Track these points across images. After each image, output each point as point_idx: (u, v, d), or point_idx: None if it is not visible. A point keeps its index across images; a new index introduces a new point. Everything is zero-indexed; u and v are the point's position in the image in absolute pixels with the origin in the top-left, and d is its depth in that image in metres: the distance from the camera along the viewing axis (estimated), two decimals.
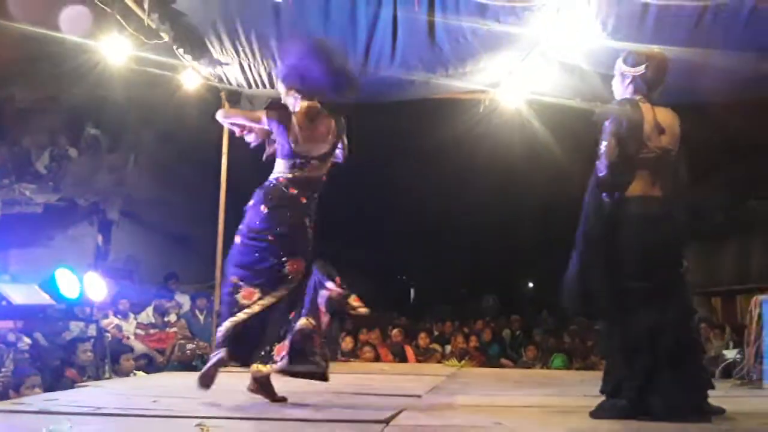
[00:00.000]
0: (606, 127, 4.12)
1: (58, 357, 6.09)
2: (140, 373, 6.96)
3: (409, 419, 4.04)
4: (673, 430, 3.78)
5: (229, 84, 7.86)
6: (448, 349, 10.25)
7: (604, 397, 4.18)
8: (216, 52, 7.16)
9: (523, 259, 16.68)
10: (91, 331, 6.50)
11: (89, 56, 7.12)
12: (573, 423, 4.04)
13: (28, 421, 3.94)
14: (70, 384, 5.77)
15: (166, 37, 6.81)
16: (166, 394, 4.93)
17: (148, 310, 8.11)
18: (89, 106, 8.22)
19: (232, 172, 7.78)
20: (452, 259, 16.37)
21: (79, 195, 8.59)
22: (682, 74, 6.02)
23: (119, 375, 6.67)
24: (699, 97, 6.78)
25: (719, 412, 4.06)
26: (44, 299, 6.38)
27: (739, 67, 6.44)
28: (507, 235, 15.01)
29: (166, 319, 8.26)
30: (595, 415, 4.09)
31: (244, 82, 7.70)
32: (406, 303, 18.50)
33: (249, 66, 7.31)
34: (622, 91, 4.31)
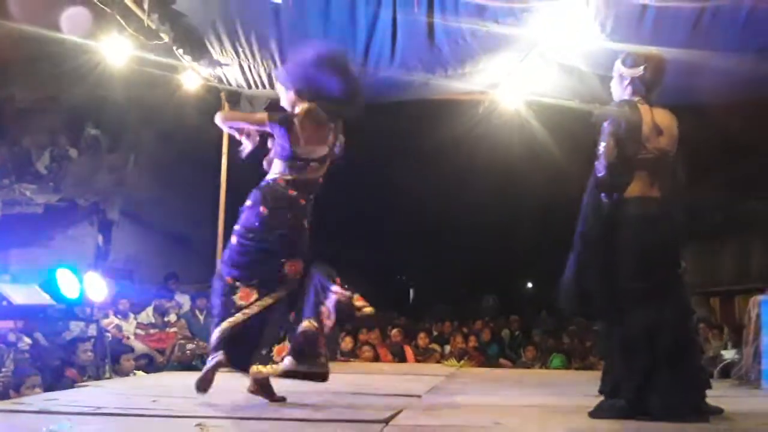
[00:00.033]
0: (605, 128, 4.13)
1: (58, 357, 6.09)
2: (140, 373, 6.96)
3: (408, 419, 4.04)
4: (671, 430, 3.78)
5: (229, 85, 7.88)
6: (448, 349, 10.25)
7: (602, 397, 4.18)
8: (216, 53, 7.18)
9: (522, 260, 16.69)
10: (92, 331, 6.50)
11: (89, 56, 7.13)
12: (572, 423, 4.05)
13: (29, 420, 3.94)
14: (71, 384, 5.77)
15: (166, 37, 6.82)
16: (166, 394, 4.92)
17: (148, 310, 8.11)
18: (89, 107, 8.22)
19: (232, 172, 7.78)
20: (452, 259, 16.38)
21: (79, 195, 8.59)
22: (681, 75, 6.03)
23: (119, 375, 6.66)
24: (698, 97, 6.80)
25: (717, 412, 4.07)
26: (44, 299, 6.38)
27: (738, 68, 6.45)
28: (506, 235, 15.02)
29: (166, 319, 8.26)
30: (594, 415, 4.09)
31: (243, 83, 7.72)
32: (406, 303, 18.50)
33: (249, 67, 7.32)
34: (620, 92, 4.32)
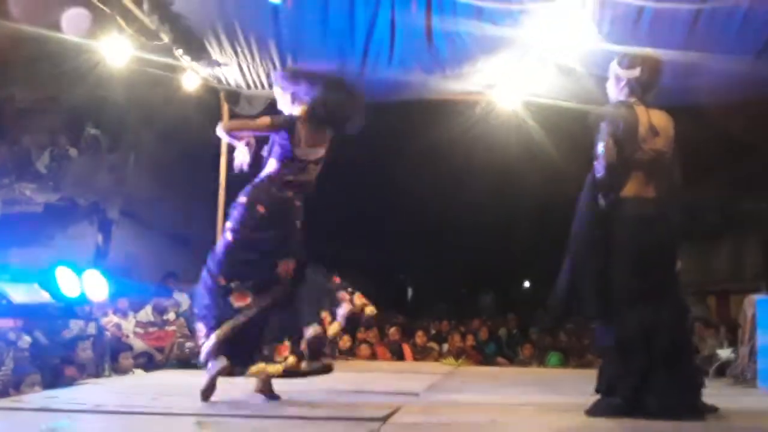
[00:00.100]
0: (602, 128, 4.15)
1: (57, 355, 6.09)
2: (139, 371, 6.98)
3: (406, 417, 4.06)
4: (667, 429, 3.81)
5: (228, 85, 7.90)
6: (446, 347, 10.29)
7: (599, 396, 4.20)
8: (215, 53, 7.20)
9: (519, 259, 16.69)
10: (91, 329, 6.51)
11: (89, 56, 7.13)
12: (568, 421, 4.07)
13: (28, 418, 3.97)
14: (70, 382, 5.79)
15: (165, 38, 6.84)
16: (165, 392, 4.94)
17: (147, 309, 8.11)
18: (89, 107, 8.23)
19: (230, 172, 7.78)
20: (450, 258, 16.36)
21: (79, 194, 8.59)
22: (677, 76, 6.09)
23: (119, 373, 6.68)
24: (694, 99, 6.83)
25: (713, 411, 4.10)
26: (44, 298, 6.39)
27: (734, 69, 6.48)
28: (504, 235, 15.02)
29: (165, 318, 8.26)
30: (591, 413, 4.12)
31: (242, 83, 7.74)
32: (404, 302, 18.50)
33: (248, 67, 7.34)
34: (616, 93, 4.34)
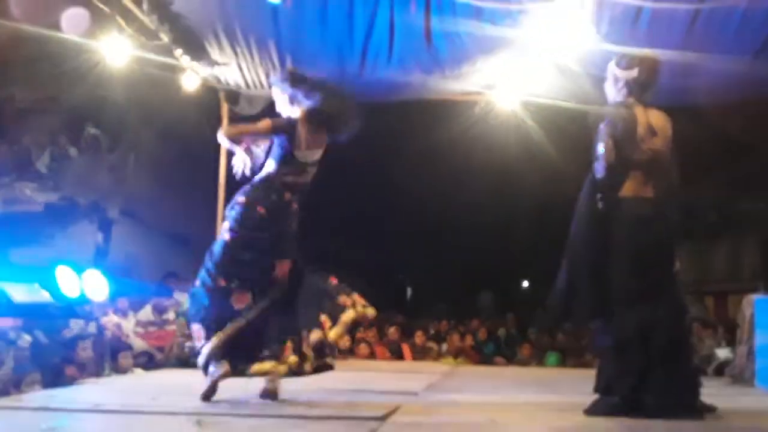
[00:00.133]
0: (601, 129, 4.16)
1: (58, 354, 6.07)
2: (139, 371, 6.99)
3: (405, 416, 4.07)
4: (665, 428, 3.82)
5: (228, 85, 7.91)
6: (444, 347, 10.31)
7: (597, 395, 4.22)
8: (214, 53, 7.21)
9: (518, 259, 16.72)
10: (91, 328, 6.50)
11: (89, 56, 7.13)
12: (567, 420, 4.09)
13: (29, 418, 3.97)
14: (70, 381, 5.80)
15: (165, 38, 6.85)
16: (165, 392, 4.94)
17: (147, 308, 8.12)
18: (89, 106, 8.22)
19: (230, 172, 7.78)
20: (449, 258, 16.38)
21: (79, 194, 8.58)
22: (676, 76, 6.10)
23: (119, 372, 6.69)
24: (692, 99, 6.84)
25: (711, 411, 4.12)
26: (44, 297, 6.39)
27: (732, 69, 6.49)
28: (503, 235, 15.05)
29: (165, 317, 8.27)
30: (589, 412, 4.13)
31: (242, 83, 7.75)
32: (403, 301, 18.51)
33: (247, 67, 7.35)
34: (614, 93, 4.35)
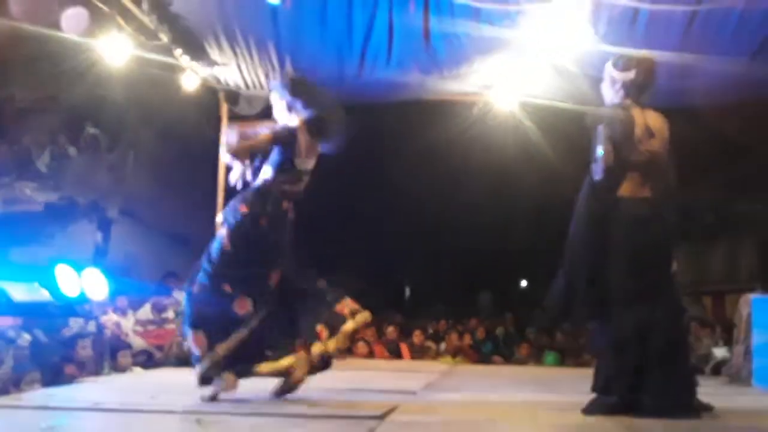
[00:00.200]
0: (599, 131, 4.17)
1: (57, 353, 6.08)
2: (138, 369, 7.01)
3: (403, 415, 4.07)
4: (663, 427, 3.84)
5: (227, 85, 7.92)
6: (443, 346, 10.33)
7: (595, 395, 4.23)
8: (214, 54, 7.22)
9: (517, 259, 16.73)
10: (91, 327, 6.52)
11: (89, 56, 7.13)
12: (565, 419, 4.10)
13: (28, 416, 3.98)
14: (70, 380, 5.81)
15: (164, 38, 6.86)
16: (164, 390, 4.96)
17: (147, 307, 8.13)
18: (89, 106, 8.21)
19: (229, 171, 7.79)
20: (448, 258, 16.40)
21: (78, 194, 8.57)
22: (673, 77, 6.12)
23: (118, 371, 6.70)
24: (690, 100, 6.86)
25: (708, 410, 4.13)
26: (44, 296, 6.40)
27: (729, 71, 6.51)
28: (501, 235, 15.06)
29: (164, 316, 8.28)
30: (587, 411, 4.15)
31: (242, 84, 7.76)
32: (402, 301, 18.52)
33: (247, 68, 7.36)
34: (612, 95, 4.36)
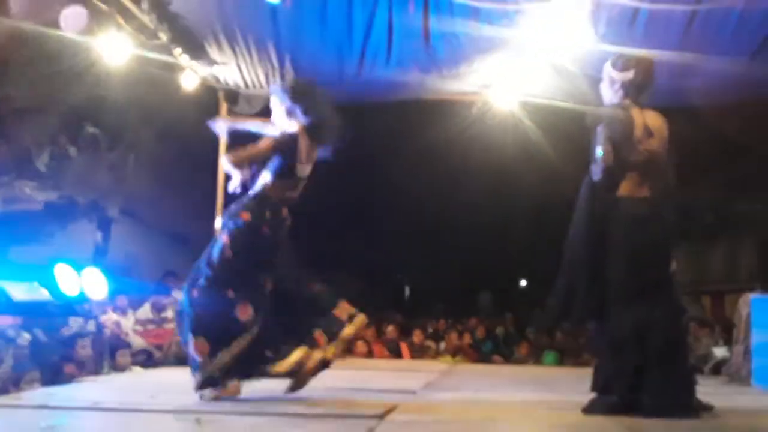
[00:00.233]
0: (599, 132, 4.17)
1: (57, 353, 6.09)
2: (137, 369, 7.01)
3: (403, 415, 4.08)
4: (662, 427, 3.84)
5: (227, 84, 7.91)
6: (443, 346, 10.33)
7: (595, 394, 4.24)
8: (213, 53, 7.22)
9: (516, 258, 16.74)
10: (90, 327, 6.52)
11: (88, 55, 7.13)
12: (564, 419, 4.11)
13: (28, 415, 3.99)
14: (69, 379, 5.81)
15: (163, 37, 6.86)
16: (164, 390, 4.96)
17: (146, 307, 8.13)
18: (88, 105, 8.21)
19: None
20: (447, 257, 16.41)
21: (78, 193, 8.58)
22: (673, 77, 6.12)
23: (117, 371, 6.71)
24: (689, 99, 6.86)
25: (707, 409, 4.14)
26: (44, 295, 6.40)
27: (729, 70, 6.50)
28: (501, 234, 15.08)
29: (163, 316, 8.29)
30: (587, 411, 4.15)
31: (241, 83, 7.76)
32: (402, 301, 18.54)
33: (246, 67, 7.36)
34: (611, 95, 4.36)
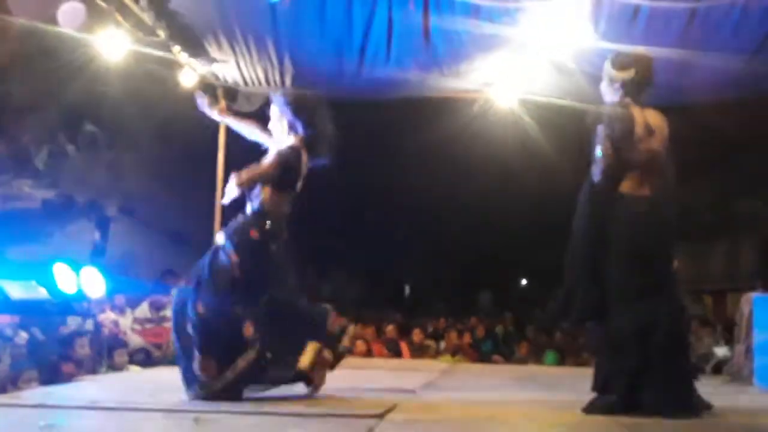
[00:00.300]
0: (599, 131, 4.17)
1: (55, 352, 6.08)
2: (135, 368, 7.00)
3: (402, 414, 4.08)
4: (663, 426, 3.84)
5: (226, 82, 7.89)
6: (442, 345, 10.32)
7: (595, 394, 4.24)
8: (212, 50, 7.20)
9: (516, 257, 16.75)
10: (88, 326, 6.51)
11: (86, 52, 7.12)
12: (565, 418, 4.10)
13: (26, 414, 3.97)
14: (67, 378, 5.81)
15: (162, 34, 6.84)
16: (162, 389, 4.96)
17: (144, 305, 8.13)
18: (87, 103, 8.22)
19: (228, 169, 7.80)
20: (447, 257, 16.43)
21: (76, 191, 8.59)
22: (673, 75, 6.10)
23: (115, 370, 6.70)
24: (690, 97, 6.85)
25: (708, 408, 4.14)
26: (41, 294, 6.39)
27: (729, 68, 6.48)
28: (501, 233, 15.08)
29: (162, 314, 8.28)
30: (587, 410, 4.15)
31: (240, 80, 7.74)
32: (401, 300, 18.55)
33: (245, 65, 7.34)
34: (611, 94, 4.36)
